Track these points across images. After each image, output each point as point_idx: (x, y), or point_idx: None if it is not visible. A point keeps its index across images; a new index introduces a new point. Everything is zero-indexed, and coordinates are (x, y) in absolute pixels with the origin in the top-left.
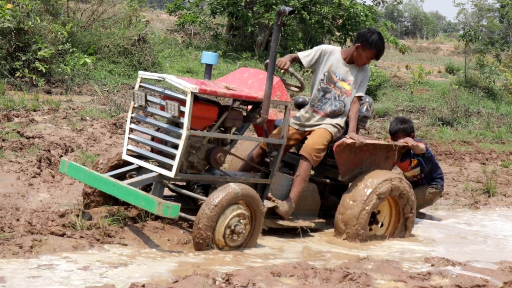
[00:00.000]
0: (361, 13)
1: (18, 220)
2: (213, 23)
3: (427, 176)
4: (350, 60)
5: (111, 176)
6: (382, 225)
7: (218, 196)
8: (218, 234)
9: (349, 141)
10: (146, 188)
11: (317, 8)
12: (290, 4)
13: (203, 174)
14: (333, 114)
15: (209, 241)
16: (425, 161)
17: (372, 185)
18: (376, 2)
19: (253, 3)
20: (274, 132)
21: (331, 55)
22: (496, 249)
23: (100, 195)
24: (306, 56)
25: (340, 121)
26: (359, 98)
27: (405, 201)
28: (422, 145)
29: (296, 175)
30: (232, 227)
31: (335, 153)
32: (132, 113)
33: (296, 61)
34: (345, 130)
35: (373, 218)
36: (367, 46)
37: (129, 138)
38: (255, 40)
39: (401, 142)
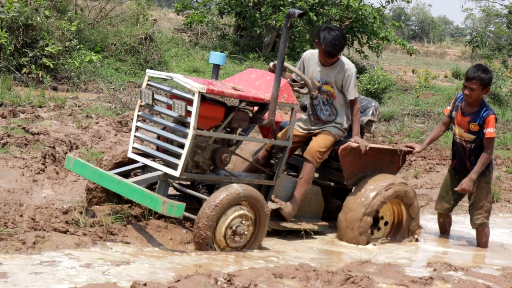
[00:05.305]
0: (369, 15)
1: (21, 216)
2: (221, 23)
3: (477, 156)
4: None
5: (116, 173)
6: (385, 224)
7: (219, 196)
8: (219, 234)
9: (354, 145)
10: (151, 186)
11: (325, 10)
12: (298, 5)
13: (208, 174)
14: (329, 120)
15: (209, 241)
16: (486, 141)
17: (375, 189)
18: (385, 0)
19: (260, 4)
20: (280, 133)
21: (311, 60)
22: (499, 255)
23: (103, 191)
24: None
25: (340, 120)
26: (355, 99)
27: (408, 205)
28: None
29: (300, 177)
30: (234, 228)
31: (340, 156)
32: (138, 111)
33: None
34: (348, 131)
35: (376, 222)
36: (318, 41)
37: (135, 136)
38: (262, 41)
39: (406, 147)
